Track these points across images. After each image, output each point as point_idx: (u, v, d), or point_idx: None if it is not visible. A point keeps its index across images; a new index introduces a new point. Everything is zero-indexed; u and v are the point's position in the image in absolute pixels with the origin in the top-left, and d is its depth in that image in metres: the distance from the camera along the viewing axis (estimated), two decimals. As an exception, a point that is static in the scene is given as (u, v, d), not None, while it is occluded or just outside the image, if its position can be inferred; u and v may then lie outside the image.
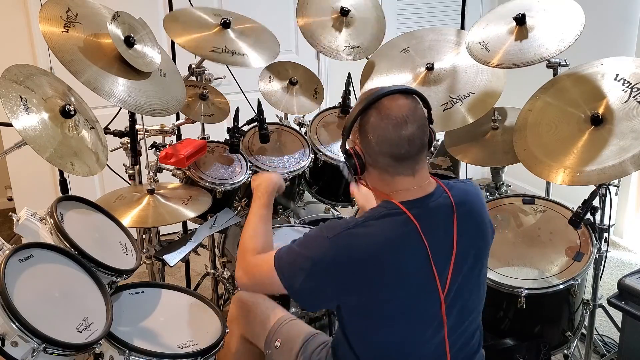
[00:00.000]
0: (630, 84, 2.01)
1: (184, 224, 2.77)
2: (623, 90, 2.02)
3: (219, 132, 2.73)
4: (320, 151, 2.65)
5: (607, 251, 2.19)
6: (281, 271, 1.51)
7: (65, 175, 2.37)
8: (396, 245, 1.44)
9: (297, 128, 2.81)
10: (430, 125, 1.53)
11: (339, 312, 1.58)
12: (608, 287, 2.94)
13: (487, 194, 2.58)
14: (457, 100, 2.39)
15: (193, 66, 2.57)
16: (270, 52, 2.55)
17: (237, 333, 1.91)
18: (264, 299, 1.94)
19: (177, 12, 2.51)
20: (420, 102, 1.50)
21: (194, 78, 2.60)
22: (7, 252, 1.50)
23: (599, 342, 2.60)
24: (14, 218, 1.72)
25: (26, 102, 1.64)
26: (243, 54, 2.44)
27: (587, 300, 2.21)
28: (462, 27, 3.04)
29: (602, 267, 2.20)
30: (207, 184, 2.36)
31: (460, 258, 1.48)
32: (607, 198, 2.09)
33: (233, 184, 2.41)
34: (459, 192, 1.53)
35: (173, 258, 2.16)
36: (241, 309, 1.92)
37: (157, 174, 2.32)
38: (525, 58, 2.14)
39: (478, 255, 1.54)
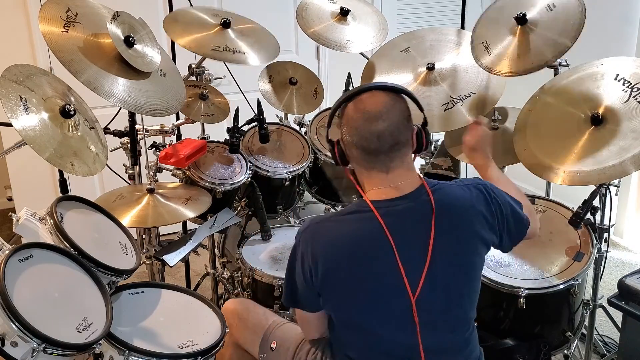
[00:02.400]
0: (631, 84, 2.01)
1: (184, 224, 2.77)
2: (623, 90, 2.02)
3: (219, 132, 2.73)
4: (320, 151, 2.65)
5: (607, 251, 2.19)
6: (285, 300, 1.64)
7: (65, 175, 2.36)
8: (360, 241, 1.47)
9: (297, 128, 2.81)
10: (425, 127, 1.54)
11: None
12: (608, 287, 2.94)
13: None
14: (458, 100, 2.39)
15: (193, 66, 2.57)
16: (271, 51, 2.56)
17: (230, 342, 1.92)
18: (254, 306, 1.95)
19: (177, 13, 2.51)
20: (410, 102, 1.52)
21: (193, 78, 2.60)
22: (7, 252, 1.50)
23: (599, 342, 2.60)
24: (13, 218, 1.72)
25: (26, 102, 1.64)
26: (244, 52, 2.44)
27: (587, 300, 2.21)
28: (462, 27, 3.04)
29: (602, 267, 2.19)
30: (207, 184, 2.36)
31: (436, 262, 1.46)
32: (607, 198, 2.09)
33: (233, 184, 2.41)
34: (446, 195, 1.51)
35: (173, 258, 2.16)
36: (232, 318, 1.92)
37: (157, 174, 2.32)
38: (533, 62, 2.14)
39: (462, 261, 1.51)
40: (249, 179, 2.47)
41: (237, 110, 2.45)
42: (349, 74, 2.76)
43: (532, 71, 2.14)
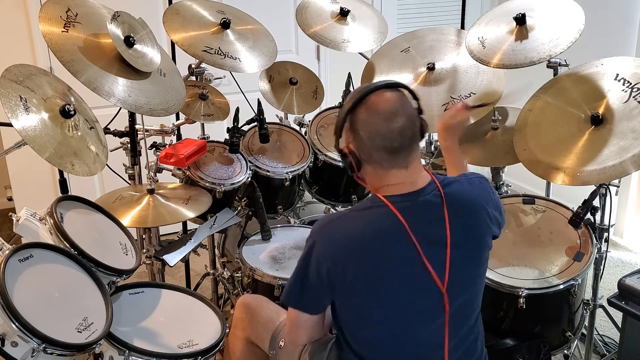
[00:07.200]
0: (631, 84, 2.01)
1: (184, 224, 2.77)
2: (623, 90, 2.02)
3: (219, 132, 2.73)
4: (320, 151, 2.65)
5: (607, 251, 2.19)
6: (287, 298, 1.58)
7: (65, 175, 2.36)
8: (378, 236, 1.46)
9: (297, 128, 2.81)
10: (421, 116, 1.54)
11: (334, 308, 1.58)
12: (608, 287, 2.94)
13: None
14: (458, 101, 2.39)
15: (193, 66, 2.57)
16: (266, 57, 2.54)
17: (242, 336, 1.91)
18: (267, 302, 1.95)
19: (180, 4, 2.48)
20: (408, 94, 1.53)
21: (194, 78, 2.60)
22: (7, 252, 1.50)
23: (599, 342, 2.60)
24: (13, 218, 1.72)
25: (26, 102, 1.64)
26: (236, 58, 2.43)
27: (587, 300, 2.21)
28: (462, 27, 3.05)
29: (602, 267, 2.19)
30: (207, 184, 2.36)
31: (454, 252, 1.48)
32: (607, 198, 2.09)
33: (233, 184, 2.41)
34: (455, 189, 1.53)
35: (173, 258, 2.16)
36: (245, 313, 1.92)
37: (157, 174, 2.32)
38: (526, 58, 2.15)
39: (475, 255, 1.53)
40: (249, 179, 2.47)
41: (237, 110, 2.45)
42: (349, 74, 2.76)
43: (520, 67, 2.15)
